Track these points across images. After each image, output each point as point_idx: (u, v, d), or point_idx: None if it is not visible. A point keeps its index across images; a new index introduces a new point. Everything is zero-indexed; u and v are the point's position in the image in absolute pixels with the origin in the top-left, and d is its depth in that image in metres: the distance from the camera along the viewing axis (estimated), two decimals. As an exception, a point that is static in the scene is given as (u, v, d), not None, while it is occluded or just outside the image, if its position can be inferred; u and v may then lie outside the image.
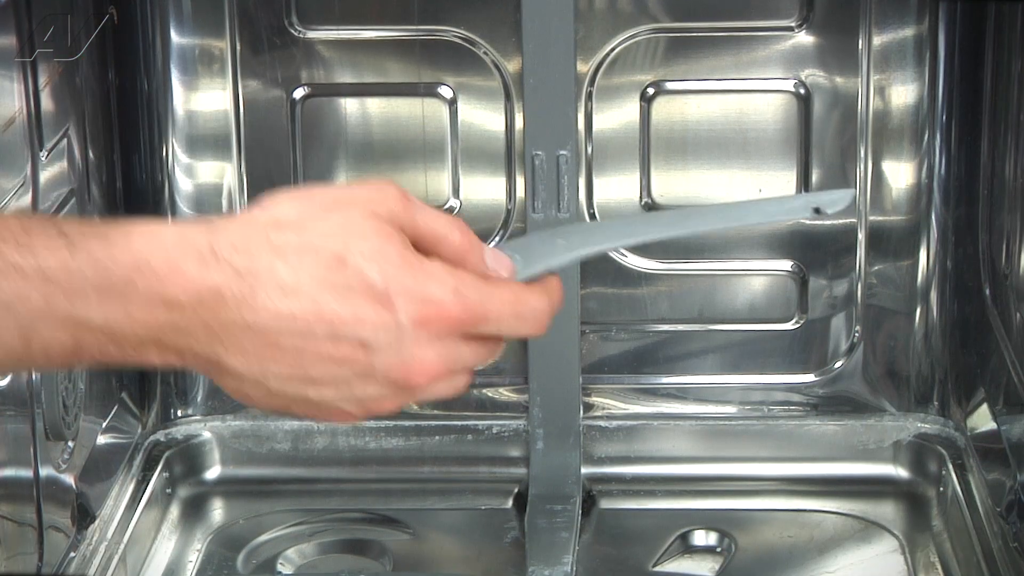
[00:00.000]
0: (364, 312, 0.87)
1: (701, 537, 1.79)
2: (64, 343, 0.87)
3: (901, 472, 1.87)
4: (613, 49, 1.81)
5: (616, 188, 1.85)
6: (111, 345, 0.87)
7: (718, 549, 1.78)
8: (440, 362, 0.89)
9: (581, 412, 1.85)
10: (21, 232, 0.86)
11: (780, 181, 1.83)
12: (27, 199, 1.54)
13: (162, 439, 1.88)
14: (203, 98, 1.84)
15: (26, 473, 1.53)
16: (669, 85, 1.82)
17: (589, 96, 1.81)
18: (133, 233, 0.87)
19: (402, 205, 0.90)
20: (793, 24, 1.80)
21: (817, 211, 0.97)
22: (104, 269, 0.85)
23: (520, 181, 1.82)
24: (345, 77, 1.83)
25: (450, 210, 1.84)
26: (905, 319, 1.87)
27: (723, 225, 0.99)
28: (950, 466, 1.82)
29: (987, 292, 1.80)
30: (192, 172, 1.86)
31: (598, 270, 1.86)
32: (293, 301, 0.86)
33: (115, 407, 1.80)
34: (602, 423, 1.88)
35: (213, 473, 1.89)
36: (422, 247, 0.91)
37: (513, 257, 0.95)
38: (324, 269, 0.86)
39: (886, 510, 1.83)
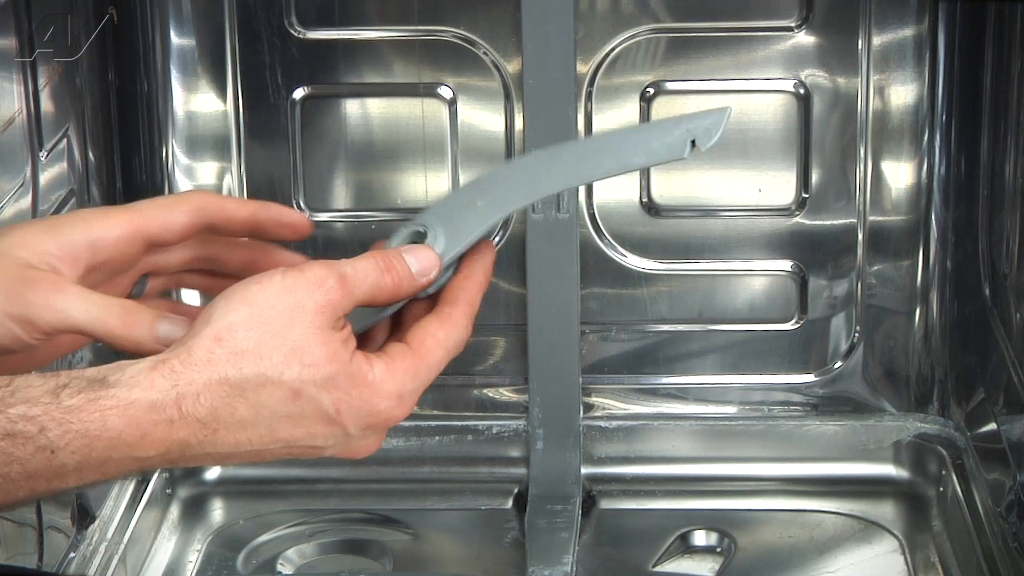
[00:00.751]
0: (316, 430, 0.99)
1: (701, 537, 1.79)
2: (40, 500, 1.02)
3: (901, 472, 1.87)
4: (613, 49, 1.80)
5: (616, 189, 1.85)
6: (85, 488, 1.00)
7: (718, 549, 1.78)
8: (383, 439, 1.05)
9: (581, 412, 1.85)
10: (7, 439, 0.93)
11: (780, 181, 1.83)
12: (27, 200, 1.53)
13: (162, 439, 1.88)
14: (203, 99, 1.84)
15: (26, 473, 1.52)
16: (669, 85, 1.82)
17: (589, 96, 1.81)
18: (108, 414, 0.94)
19: (340, 293, 0.99)
20: (793, 24, 1.80)
21: (694, 144, 1.01)
22: (84, 458, 0.95)
23: (520, 181, 1.81)
24: (345, 77, 1.83)
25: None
26: (905, 319, 1.87)
27: (619, 169, 1.05)
28: (950, 466, 1.82)
29: (987, 292, 1.80)
30: (192, 173, 1.86)
31: (598, 270, 1.86)
32: (251, 431, 0.97)
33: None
34: (602, 423, 1.88)
35: (213, 473, 1.89)
36: (365, 303, 1.01)
37: (435, 240, 1.04)
38: (279, 402, 0.97)
39: (886, 510, 1.83)
